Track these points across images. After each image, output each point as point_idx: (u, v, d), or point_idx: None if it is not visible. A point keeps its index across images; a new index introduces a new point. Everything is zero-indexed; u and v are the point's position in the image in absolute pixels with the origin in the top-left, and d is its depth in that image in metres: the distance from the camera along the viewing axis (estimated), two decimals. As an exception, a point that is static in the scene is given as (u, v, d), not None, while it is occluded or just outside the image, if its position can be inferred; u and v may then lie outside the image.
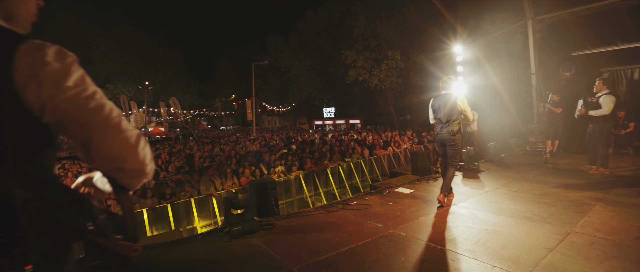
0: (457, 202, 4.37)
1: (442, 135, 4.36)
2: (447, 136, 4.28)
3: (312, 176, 9.69)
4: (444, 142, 4.37)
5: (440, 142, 4.45)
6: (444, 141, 4.36)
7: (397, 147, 12.26)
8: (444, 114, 4.27)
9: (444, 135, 4.32)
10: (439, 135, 4.42)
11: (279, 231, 3.61)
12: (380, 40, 22.45)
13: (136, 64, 38.83)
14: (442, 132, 4.34)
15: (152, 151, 9.34)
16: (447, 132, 4.28)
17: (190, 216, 7.45)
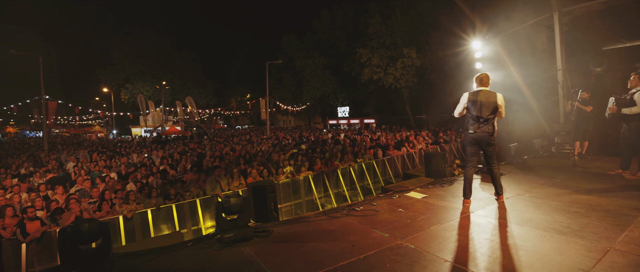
0: (474, 210, 3.96)
1: (479, 134, 4.07)
2: (486, 135, 4.05)
3: (321, 177, 9.38)
4: (481, 142, 4.12)
5: (475, 141, 4.14)
6: (481, 140, 4.10)
7: (411, 147, 11.77)
8: (485, 112, 4.01)
9: (482, 134, 4.06)
10: (475, 133, 4.09)
11: (275, 238, 3.32)
12: (396, 38, 21.86)
13: (154, 64, 39.63)
14: (480, 130, 4.05)
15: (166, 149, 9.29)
16: (486, 132, 4.04)
17: (196, 216, 7.29)
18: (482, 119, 4.02)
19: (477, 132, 4.07)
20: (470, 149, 4.19)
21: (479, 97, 4.04)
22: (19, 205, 7.08)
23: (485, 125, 4.02)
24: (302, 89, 35.76)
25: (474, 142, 4.14)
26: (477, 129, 4.06)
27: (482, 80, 4.18)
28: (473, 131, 4.10)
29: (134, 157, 13.75)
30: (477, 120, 4.05)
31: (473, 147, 4.16)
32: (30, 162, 12.72)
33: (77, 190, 8.06)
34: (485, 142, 4.08)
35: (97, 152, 14.91)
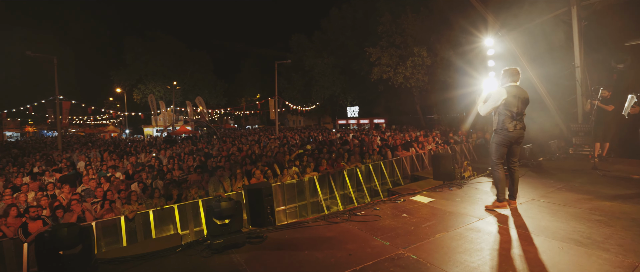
0: (484, 216, 3.68)
1: (519, 132, 3.85)
2: (523, 133, 3.90)
3: (327, 178, 9.16)
4: (517, 140, 3.91)
5: (513, 140, 3.88)
6: (518, 138, 3.89)
7: (420, 148, 11.43)
8: (523, 108, 3.85)
9: (521, 132, 3.87)
10: (514, 132, 3.82)
11: (268, 245, 3.13)
12: (406, 37, 21.43)
13: (166, 65, 40.15)
14: (517, 128, 3.83)
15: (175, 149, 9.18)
16: (522, 129, 3.88)
17: (198, 217, 7.18)
18: (520, 116, 3.82)
19: (517, 130, 3.80)
20: (503, 150, 3.91)
21: (519, 93, 3.81)
22: (25, 204, 7.09)
23: (521, 122, 3.85)
24: (311, 89, 35.62)
25: (511, 142, 3.87)
26: (516, 127, 3.80)
27: (513, 74, 3.93)
28: (513, 129, 3.79)
29: (142, 156, 13.81)
30: (516, 117, 3.78)
31: (504, 147, 3.90)
32: (43, 161, 12.92)
33: (83, 189, 8.06)
34: (518, 141, 3.91)
35: (108, 151, 15.09)
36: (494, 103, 3.83)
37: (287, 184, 8.40)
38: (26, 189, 7.70)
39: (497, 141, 3.88)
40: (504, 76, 3.99)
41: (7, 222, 5.94)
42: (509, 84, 3.90)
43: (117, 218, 6.37)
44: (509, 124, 3.79)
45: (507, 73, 3.97)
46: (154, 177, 8.83)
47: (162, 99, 36.12)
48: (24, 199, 7.25)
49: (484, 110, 3.96)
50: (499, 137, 3.89)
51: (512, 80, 3.92)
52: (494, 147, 3.95)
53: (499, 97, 3.80)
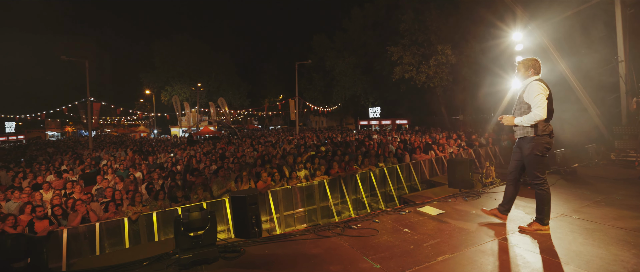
0: (502, 235, 3.12)
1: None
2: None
3: (338, 182, 8.73)
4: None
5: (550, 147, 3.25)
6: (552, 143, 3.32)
7: (441, 151, 10.70)
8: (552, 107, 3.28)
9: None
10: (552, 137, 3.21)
11: (243, 262, 2.78)
12: (429, 34, 20.50)
13: (191, 67, 41.32)
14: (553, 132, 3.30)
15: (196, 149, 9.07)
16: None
17: (202, 221, 7.00)
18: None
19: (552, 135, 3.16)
20: (546, 159, 3.22)
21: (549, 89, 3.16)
22: (40, 202, 7.22)
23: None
24: (332, 89, 35.24)
25: (547, 149, 3.18)
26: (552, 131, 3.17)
27: (539, 66, 3.25)
28: (551, 133, 3.15)
29: (162, 156, 14.02)
30: (550, 119, 3.15)
31: (545, 156, 3.20)
32: (71, 159, 13.44)
33: (96, 189, 8.16)
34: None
35: (133, 151, 15.51)
36: (543, 102, 3.02)
37: (295, 188, 8.07)
38: (47, 187, 7.87)
39: (541, 151, 3.10)
40: (533, 67, 3.20)
41: (18, 220, 5.99)
42: (538, 77, 3.20)
43: (120, 219, 6.30)
44: (548, 128, 3.11)
45: (535, 64, 3.22)
46: (164, 178, 8.81)
47: (187, 101, 37.21)
48: (40, 198, 7.38)
49: (544, 112, 3.02)
50: (543, 145, 3.11)
51: (535, 73, 3.23)
52: (537, 159, 3.12)
53: (545, 93, 3.04)
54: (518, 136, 3.28)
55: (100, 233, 6.03)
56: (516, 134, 3.31)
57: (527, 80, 3.20)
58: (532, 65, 3.21)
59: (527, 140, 3.17)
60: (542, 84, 3.07)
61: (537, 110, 3.01)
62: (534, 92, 3.04)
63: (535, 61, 3.23)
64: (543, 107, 2.99)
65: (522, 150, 3.26)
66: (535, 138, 3.10)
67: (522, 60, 3.30)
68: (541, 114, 3.00)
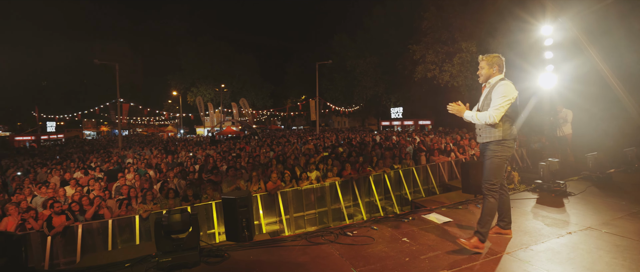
0: (512, 249, 2.78)
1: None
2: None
3: (350, 184, 8.47)
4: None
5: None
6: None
7: (461, 153, 10.14)
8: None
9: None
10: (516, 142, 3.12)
11: (224, 267, 2.64)
12: (453, 31, 19.69)
13: (216, 68, 42.40)
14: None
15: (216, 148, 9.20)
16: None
17: (211, 221, 7.01)
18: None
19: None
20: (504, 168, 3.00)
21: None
22: (63, 198, 7.52)
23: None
24: (353, 90, 34.84)
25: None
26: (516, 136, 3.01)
27: (503, 63, 3.01)
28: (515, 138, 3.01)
29: (182, 155, 14.36)
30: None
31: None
32: (100, 157, 14.09)
33: (116, 186, 8.41)
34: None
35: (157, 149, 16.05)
36: (503, 105, 2.79)
37: (305, 189, 7.91)
38: (73, 183, 8.22)
39: (501, 156, 2.86)
40: (498, 65, 2.96)
41: (39, 214, 6.23)
42: (502, 76, 2.99)
43: (132, 217, 6.42)
44: (514, 132, 2.94)
45: (500, 62, 2.98)
46: (180, 177, 8.95)
47: (211, 101, 38.23)
48: (63, 194, 7.69)
49: (500, 114, 2.78)
50: (505, 151, 2.87)
51: (502, 70, 3.00)
52: (495, 165, 2.88)
53: (513, 95, 2.84)
54: (482, 140, 3.00)
55: (113, 229, 6.16)
56: (479, 138, 3.04)
57: (494, 78, 2.97)
58: (497, 62, 2.97)
59: (492, 144, 2.90)
60: (511, 87, 2.85)
61: (492, 112, 2.79)
62: (501, 93, 2.80)
63: (500, 58, 2.99)
64: (501, 112, 2.77)
65: (484, 154, 2.99)
66: (501, 142, 2.86)
67: (485, 58, 3.02)
68: (495, 117, 2.78)
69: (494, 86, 2.90)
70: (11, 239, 2.28)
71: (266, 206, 7.52)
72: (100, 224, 6.13)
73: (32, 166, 12.04)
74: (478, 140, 3.08)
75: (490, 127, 2.88)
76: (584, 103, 7.45)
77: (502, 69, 2.97)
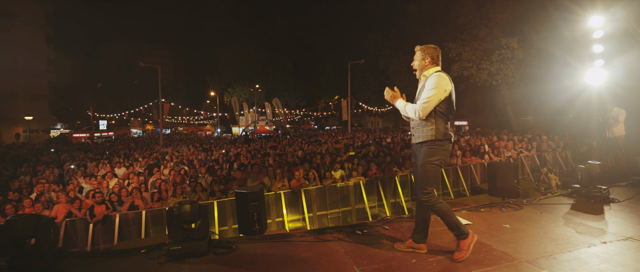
0: (532, 257, 2.56)
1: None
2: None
3: (375, 184, 8.32)
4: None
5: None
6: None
7: (496, 155, 9.55)
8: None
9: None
10: (451, 142, 2.77)
11: (230, 259, 2.70)
12: (492, 27, 18.57)
13: (251, 69, 43.76)
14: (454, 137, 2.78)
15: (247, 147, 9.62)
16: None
17: (235, 216, 7.24)
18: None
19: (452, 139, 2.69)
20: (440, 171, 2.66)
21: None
22: (107, 190, 8.17)
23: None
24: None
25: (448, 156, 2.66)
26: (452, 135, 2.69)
27: (439, 55, 2.72)
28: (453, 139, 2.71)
29: (216, 153, 14.99)
30: (450, 120, 2.69)
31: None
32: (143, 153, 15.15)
33: (151, 180, 8.97)
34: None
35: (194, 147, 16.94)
36: (438, 97, 2.51)
37: (329, 188, 7.90)
38: (113, 176, 8.90)
39: (438, 160, 2.57)
40: (431, 57, 2.67)
41: (83, 203, 6.80)
42: (437, 68, 2.67)
43: (163, 209, 6.80)
44: (450, 132, 2.63)
45: (433, 53, 2.68)
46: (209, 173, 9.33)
47: (246, 101, 39.51)
48: (106, 185, 8.35)
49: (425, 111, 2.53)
50: (442, 153, 2.57)
51: (438, 62, 2.70)
52: (427, 170, 2.56)
53: (445, 88, 2.52)
54: (415, 140, 2.70)
55: (146, 220, 6.58)
56: (413, 139, 2.74)
57: (428, 71, 2.66)
58: (431, 54, 2.67)
59: (425, 145, 2.59)
60: (444, 79, 2.53)
61: (419, 105, 2.54)
62: (430, 85, 2.52)
63: (435, 50, 2.70)
64: (428, 106, 2.50)
65: (417, 158, 2.68)
66: (435, 142, 2.54)
67: (420, 48, 2.74)
68: (420, 112, 2.53)
69: (427, 79, 2.62)
70: (41, 221, 2.52)
71: (290, 203, 7.62)
72: (135, 214, 6.56)
73: (84, 160, 13.20)
74: (412, 140, 2.78)
75: (422, 125, 2.60)
76: (639, 101, 6.68)
77: (436, 61, 2.68)
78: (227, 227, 7.19)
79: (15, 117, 32.48)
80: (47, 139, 33.50)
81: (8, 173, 10.77)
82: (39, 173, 9.92)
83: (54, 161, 13.31)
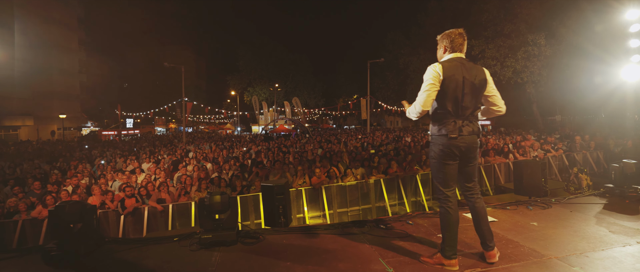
0: (563, 254, 2.51)
1: (464, 139, 2.31)
2: (474, 140, 2.35)
3: (396, 182, 8.28)
4: (467, 155, 2.35)
5: (457, 152, 2.33)
6: (467, 151, 2.34)
7: (521, 154, 9.26)
8: (471, 100, 2.31)
9: (469, 139, 2.32)
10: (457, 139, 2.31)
11: (258, 249, 2.80)
12: (518, 23, 17.94)
13: (270, 69, 44.32)
14: (464, 133, 2.30)
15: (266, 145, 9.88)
16: (473, 133, 2.33)
17: (258, 211, 7.41)
18: (466, 112, 2.31)
19: (463, 136, 2.29)
20: (447, 170, 2.36)
21: (464, 72, 2.29)
22: (135, 184, 8.56)
23: (471, 123, 2.33)
24: (406, 88, 33.72)
25: (456, 155, 2.33)
26: (462, 131, 2.29)
27: (454, 39, 2.40)
28: (456, 134, 2.30)
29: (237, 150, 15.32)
30: (459, 114, 2.31)
31: (451, 160, 2.35)
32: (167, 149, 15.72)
33: (177, 176, 9.31)
34: (471, 154, 2.37)
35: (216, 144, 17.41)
36: (425, 91, 2.28)
37: (349, 186, 7.93)
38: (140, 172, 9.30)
39: (434, 156, 2.39)
40: (446, 45, 2.43)
41: (115, 196, 7.18)
42: (448, 56, 2.40)
43: (189, 203, 7.06)
44: (449, 126, 2.29)
45: (448, 39, 2.41)
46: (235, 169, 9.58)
47: (266, 101, 40.10)
48: (135, 180, 8.74)
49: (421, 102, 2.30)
50: (436, 149, 2.37)
51: (452, 49, 2.40)
52: (434, 167, 2.40)
53: (432, 81, 2.27)
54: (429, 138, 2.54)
55: (173, 213, 6.86)
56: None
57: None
58: (445, 42, 2.43)
59: (431, 140, 2.44)
60: (433, 71, 2.29)
61: (417, 99, 2.32)
62: (424, 77, 2.33)
63: (448, 35, 2.42)
64: (424, 97, 2.27)
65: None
66: (436, 137, 2.38)
67: (438, 38, 2.52)
68: (416, 105, 2.32)
69: None
70: (86, 208, 2.72)
71: (310, 200, 7.71)
72: (162, 207, 6.86)
73: (113, 157, 13.84)
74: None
75: (431, 120, 2.43)
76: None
77: (453, 48, 2.40)
78: (249, 222, 7.36)
79: (51, 115, 34.45)
80: (79, 137, 35.31)
81: (46, 167, 11.46)
82: (73, 167, 10.49)
83: (87, 156, 14.03)
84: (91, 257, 2.67)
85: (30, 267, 2.52)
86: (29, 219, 5.83)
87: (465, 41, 2.44)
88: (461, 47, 2.41)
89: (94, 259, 2.66)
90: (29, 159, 13.18)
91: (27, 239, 5.75)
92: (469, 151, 2.32)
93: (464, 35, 2.43)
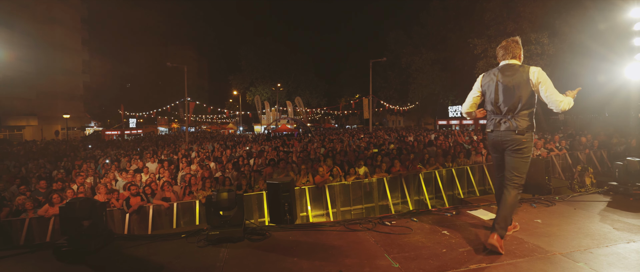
0: (567, 250, 2.53)
1: (497, 134, 2.78)
2: (509, 135, 2.69)
3: (399, 181, 8.30)
4: (502, 146, 2.77)
5: (495, 145, 2.87)
6: (502, 144, 2.77)
7: (525, 154, 9.24)
8: (506, 100, 2.69)
9: (503, 134, 2.72)
10: (492, 133, 2.87)
11: (264, 245, 2.84)
12: (521, 22, 17.91)
13: (272, 69, 44.38)
14: (498, 129, 2.76)
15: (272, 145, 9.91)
16: (508, 130, 2.69)
17: (262, 209, 7.45)
18: (500, 110, 2.73)
19: (496, 132, 2.79)
20: (493, 158, 3.04)
21: (500, 76, 2.72)
22: (139, 183, 8.61)
23: (509, 120, 2.69)
24: (408, 88, 33.70)
25: (493, 148, 2.96)
26: (497, 127, 2.78)
27: (503, 49, 2.80)
28: (491, 129, 2.86)
29: (238, 149, 15.38)
30: (495, 112, 2.79)
31: (494, 154, 2.97)
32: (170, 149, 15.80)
33: (181, 175, 9.37)
34: (508, 146, 2.74)
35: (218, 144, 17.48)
36: (471, 95, 2.96)
37: (352, 184, 7.96)
38: (146, 171, 9.38)
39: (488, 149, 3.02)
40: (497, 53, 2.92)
41: (120, 195, 7.24)
42: (501, 64, 2.81)
43: (193, 201, 7.12)
44: (489, 122, 2.85)
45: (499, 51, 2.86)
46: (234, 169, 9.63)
47: (268, 100, 40.14)
48: (139, 179, 8.80)
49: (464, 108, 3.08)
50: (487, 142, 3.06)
51: (503, 57, 2.81)
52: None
53: (474, 86, 2.96)
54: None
55: (177, 211, 6.91)
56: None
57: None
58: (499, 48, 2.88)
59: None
60: (479, 79, 2.92)
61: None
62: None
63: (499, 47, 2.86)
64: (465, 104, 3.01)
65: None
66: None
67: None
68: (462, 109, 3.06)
69: None
70: (95, 205, 2.76)
71: (314, 198, 7.74)
72: (167, 205, 6.91)
73: (116, 156, 13.93)
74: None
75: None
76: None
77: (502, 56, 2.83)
78: (253, 221, 7.40)
79: (55, 115, 34.65)
80: (83, 136, 35.51)
81: (50, 167, 11.56)
82: (77, 167, 10.58)
83: (91, 156, 14.14)
84: (101, 253, 2.72)
85: (43, 263, 2.57)
86: (36, 217, 5.90)
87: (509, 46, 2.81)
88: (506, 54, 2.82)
89: (104, 255, 2.71)
90: (34, 159, 13.30)
91: (34, 236, 5.83)
92: (503, 144, 2.75)
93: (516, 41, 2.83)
